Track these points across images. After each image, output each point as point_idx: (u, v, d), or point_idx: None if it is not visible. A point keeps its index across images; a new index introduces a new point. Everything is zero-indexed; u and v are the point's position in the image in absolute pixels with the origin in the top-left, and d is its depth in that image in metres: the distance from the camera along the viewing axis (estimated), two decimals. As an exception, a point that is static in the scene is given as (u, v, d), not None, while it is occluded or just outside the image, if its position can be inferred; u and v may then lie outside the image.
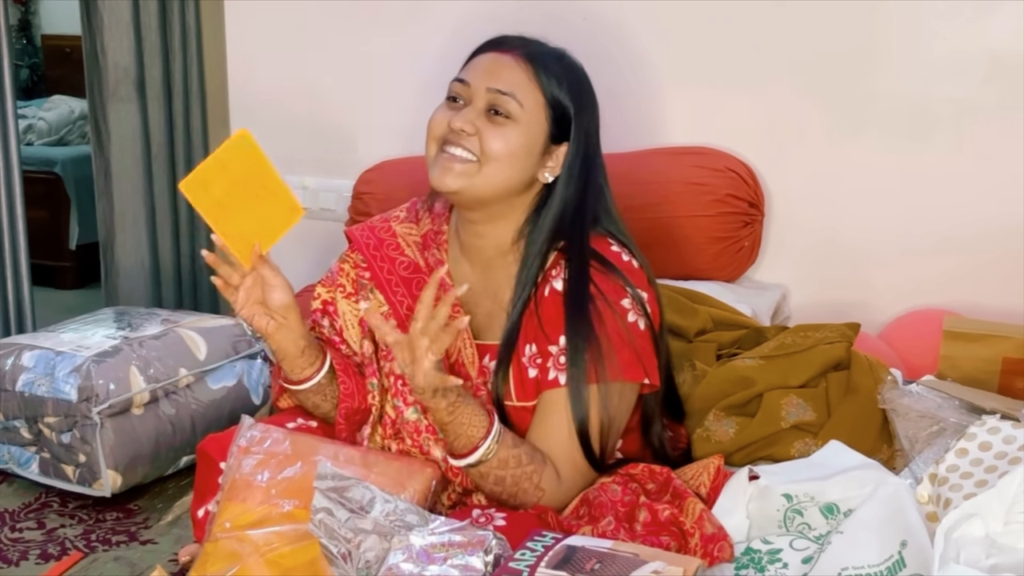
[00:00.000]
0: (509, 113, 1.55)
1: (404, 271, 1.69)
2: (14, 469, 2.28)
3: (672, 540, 1.48)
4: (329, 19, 2.83)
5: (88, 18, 3.00)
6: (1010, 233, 2.33)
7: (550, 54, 1.61)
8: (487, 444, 1.48)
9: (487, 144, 1.55)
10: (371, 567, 1.36)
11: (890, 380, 1.87)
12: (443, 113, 1.59)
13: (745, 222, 2.45)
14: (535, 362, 1.59)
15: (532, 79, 1.56)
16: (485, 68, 1.58)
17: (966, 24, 2.34)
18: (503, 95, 1.55)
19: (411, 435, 1.63)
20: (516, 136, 1.55)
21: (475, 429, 1.48)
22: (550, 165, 1.60)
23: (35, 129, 4.77)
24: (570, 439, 1.55)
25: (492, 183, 1.56)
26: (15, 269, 3.06)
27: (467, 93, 1.58)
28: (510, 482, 1.51)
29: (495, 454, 1.49)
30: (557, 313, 1.57)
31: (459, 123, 1.55)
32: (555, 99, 1.58)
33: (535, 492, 1.52)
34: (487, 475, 1.51)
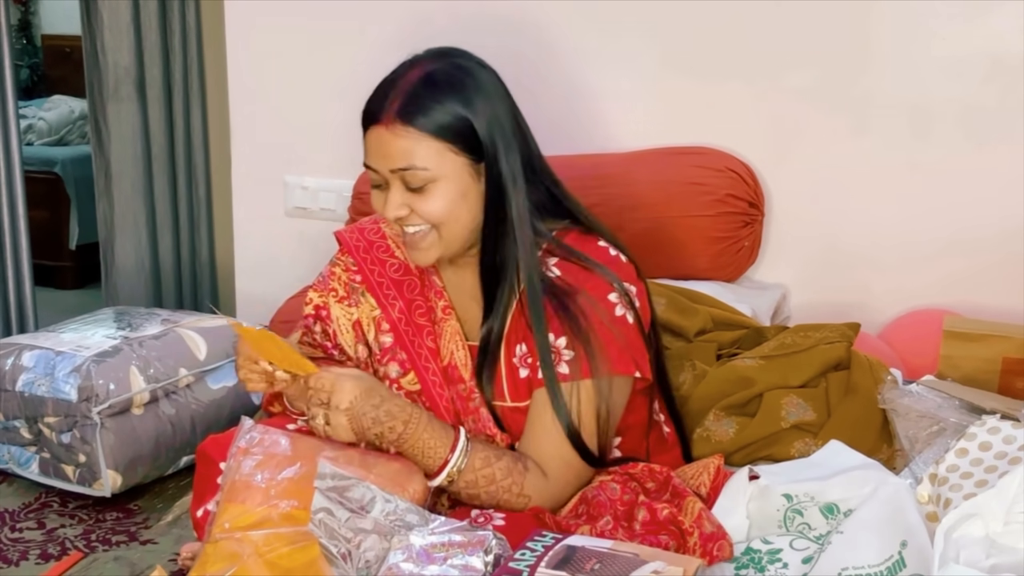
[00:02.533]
0: (423, 180, 1.52)
1: (394, 273, 1.68)
2: (14, 469, 2.29)
3: (671, 539, 1.48)
4: (329, 19, 2.83)
5: (88, 18, 3.00)
6: (1011, 233, 2.33)
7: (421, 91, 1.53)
8: (448, 468, 1.51)
9: (426, 215, 1.54)
10: (371, 567, 1.36)
11: (890, 380, 1.87)
12: (377, 200, 1.58)
13: (745, 222, 2.45)
14: (526, 362, 1.59)
15: (418, 136, 1.51)
16: (377, 150, 1.54)
17: (966, 24, 2.34)
18: (405, 171, 1.52)
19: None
20: (443, 194, 1.53)
21: (432, 457, 1.51)
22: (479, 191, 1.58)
23: (35, 129, 4.77)
24: (560, 437, 1.55)
25: (456, 238, 1.57)
26: (16, 269, 3.06)
27: (379, 177, 1.56)
28: (485, 498, 1.52)
29: (460, 476, 1.51)
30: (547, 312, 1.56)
31: (392, 213, 1.55)
32: (450, 130, 1.52)
33: (519, 500, 1.53)
34: (459, 492, 1.54)
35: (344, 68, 2.85)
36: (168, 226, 3.12)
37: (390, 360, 1.64)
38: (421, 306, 1.66)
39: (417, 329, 1.65)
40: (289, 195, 2.96)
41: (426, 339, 1.64)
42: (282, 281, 2.81)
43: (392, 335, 1.64)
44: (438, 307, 1.66)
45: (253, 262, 3.07)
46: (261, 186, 3.00)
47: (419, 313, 1.65)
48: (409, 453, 1.51)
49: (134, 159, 3.07)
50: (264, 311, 2.78)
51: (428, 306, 1.66)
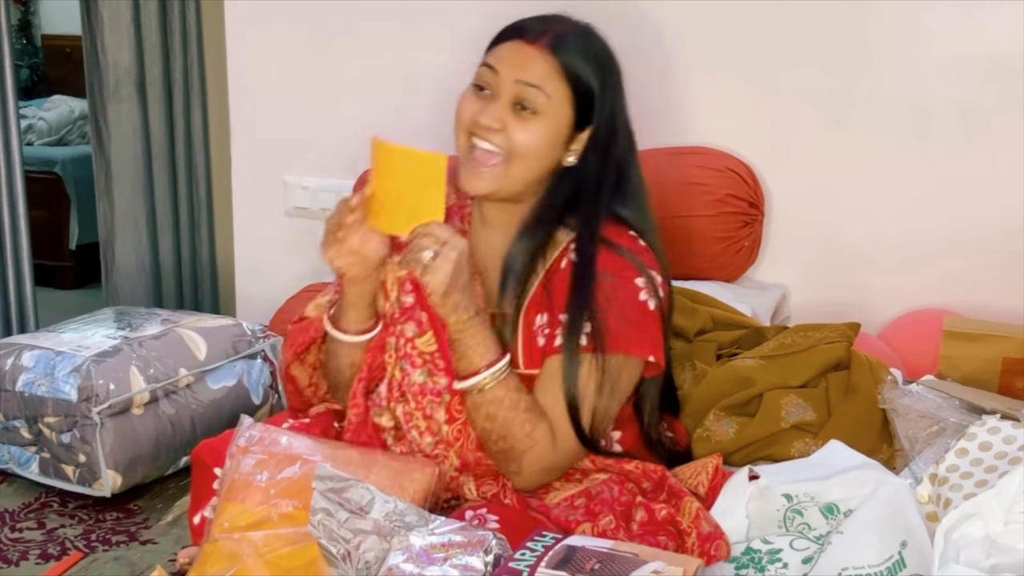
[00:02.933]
0: (536, 108, 1.56)
1: None
2: (14, 469, 2.28)
3: (669, 540, 1.48)
4: (329, 19, 2.83)
5: (88, 18, 3.00)
6: (1011, 233, 2.33)
7: (574, 36, 1.60)
8: (485, 375, 1.52)
9: (514, 139, 1.56)
10: (371, 567, 1.36)
11: (890, 380, 1.88)
12: (470, 103, 1.60)
13: (745, 222, 2.45)
14: (544, 332, 1.60)
15: (558, 70, 1.56)
16: (512, 59, 1.57)
17: (966, 24, 2.34)
18: (531, 87, 1.55)
19: (415, 397, 1.62)
20: (542, 130, 1.57)
21: (479, 356, 1.52)
22: (574, 148, 1.62)
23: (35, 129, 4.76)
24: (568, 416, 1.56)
25: (518, 179, 1.59)
26: (17, 269, 3.06)
27: (495, 82, 1.58)
28: (501, 422, 1.52)
29: (491, 389, 1.52)
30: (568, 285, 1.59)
31: (486, 120, 1.56)
32: (580, 87, 1.58)
33: (525, 440, 1.53)
34: (480, 406, 1.53)
35: (344, 68, 2.85)
36: (168, 226, 3.12)
37: (407, 320, 1.63)
38: None
39: None
40: (289, 195, 2.96)
41: None
42: (282, 281, 2.82)
43: (414, 295, 1.63)
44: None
45: (253, 262, 3.07)
46: (261, 186, 3.00)
47: None
48: (461, 343, 1.52)
49: (134, 159, 3.07)
50: (264, 311, 2.78)
51: None
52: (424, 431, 1.62)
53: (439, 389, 1.60)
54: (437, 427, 1.61)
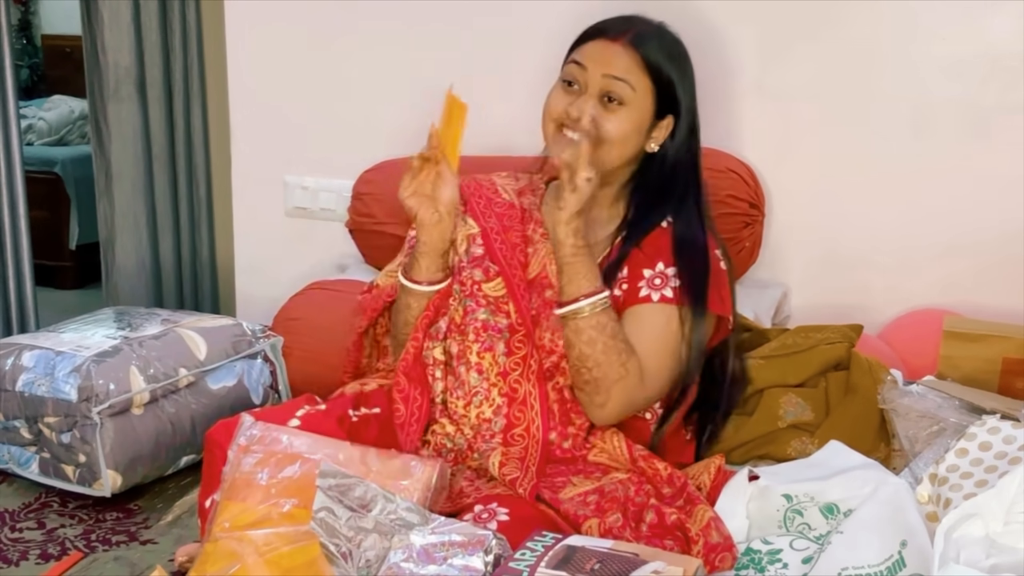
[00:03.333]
0: (622, 99, 1.71)
1: (499, 208, 1.84)
2: (14, 469, 2.28)
3: (676, 544, 1.48)
4: (329, 19, 2.83)
5: (88, 18, 3.00)
6: (1011, 233, 2.33)
7: (653, 33, 1.77)
8: (594, 299, 1.63)
9: (602, 129, 1.71)
10: (371, 566, 1.36)
11: (890, 380, 1.88)
12: (560, 97, 1.75)
13: (745, 223, 2.45)
14: (621, 284, 1.73)
15: (640, 64, 1.73)
16: (598, 55, 1.73)
17: (966, 24, 2.34)
18: (617, 80, 1.71)
19: (476, 332, 1.73)
20: (627, 120, 1.72)
21: (588, 282, 1.65)
22: (655, 136, 1.78)
23: (35, 129, 4.77)
24: (659, 347, 1.69)
25: (606, 162, 1.73)
26: (17, 269, 3.06)
27: (583, 78, 1.73)
28: (600, 348, 1.63)
29: (596, 314, 1.63)
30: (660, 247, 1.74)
31: (576, 111, 1.71)
32: (661, 79, 1.74)
33: (619, 369, 1.63)
34: (582, 331, 1.63)
35: (344, 68, 2.85)
36: (168, 226, 3.12)
37: (476, 267, 1.77)
38: (519, 232, 1.81)
39: (511, 246, 1.78)
40: (289, 195, 2.96)
41: (517, 254, 1.78)
42: (282, 281, 2.81)
43: (484, 247, 1.78)
44: (536, 233, 1.80)
45: (253, 262, 3.07)
46: (261, 186, 2.99)
47: (515, 235, 1.80)
48: (573, 267, 1.64)
49: (134, 159, 3.07)
50: (264, 311, 2.78)
51: (525, 235, 1.81)
52: (473, 367, 1.72)
53: (500, 327, 1.72)
54: (493, 360, 1.71)
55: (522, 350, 1.71)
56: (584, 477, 1.64)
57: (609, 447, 1.68)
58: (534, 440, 1.66)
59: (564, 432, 1.69)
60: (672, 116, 1.78)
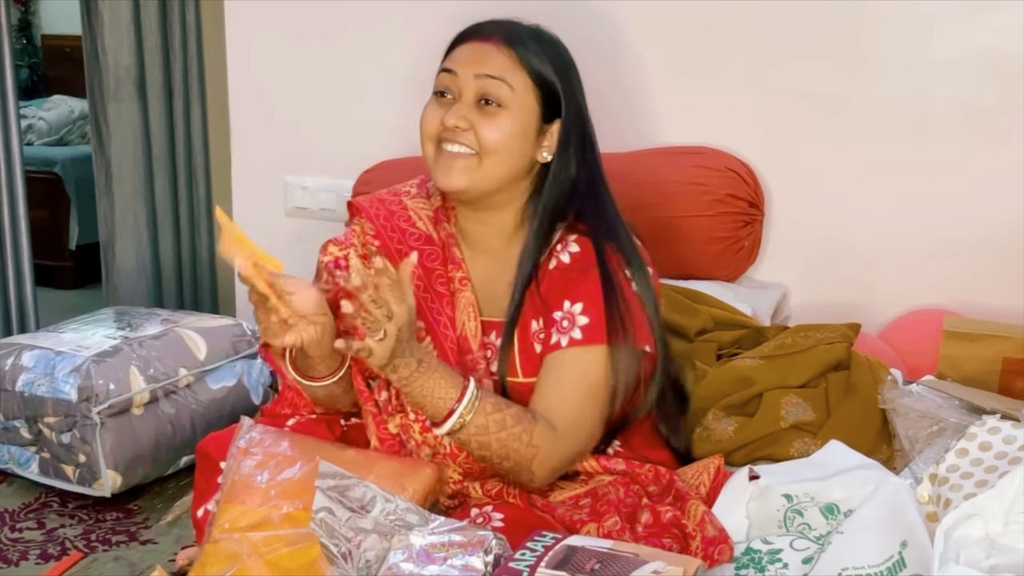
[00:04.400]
0: (500, 100, 1.56)
1: (415, 242, 1.67)
2: (14, 469, 2.29)
3: (674, 542, 1.48)
4: (329, 19, 2.83)
5: (88, 18, 3.00)
6: (1011, 233, 2.33)
7: (528, 33, 1.61)
8: (459, 410, 1.46)
9: (483, 136, 1.56)
10: (371, 567, 1.36)
11: (890, 380, 1.88)
12: (434, 110, 1.60)
13: (745, 222, 2.45)
14: (539, 337, 1.60)
15: (517, 62, 1.57)
16: (469, 57, 1.58)
17: (966, 24, 2.33)
18: (493, 79, 1.56)
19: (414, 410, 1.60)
20: (510, 123, 1.56)
21: (441, 400, 1.46)
22: (546, 144, 1.61)
23: (35, 129, 4.76)
24: (573, 397, 1.54)
25: (495, 174, 1.57)
26: (17, 269, 3.06)
27: (455, 84, 1.58)
28: (496, 446, 1.49)
29: (471, 421, 1.47)
30: (564, 283, 1.58)
31: (452, 120, 1.56)
32: (541, 78, 1.58)
33: (527, 451, 1.49)
34: (468, 442, 1.49)
35: (344, 68, 2.85)
36: (168, 226, 3.12)
37: None
38: (442, 276, 1.65)
39: (437, 297, 1.64)
40: (289, 195, 2.96)
41: (445, 307, 1.63)
42: (282, 281, 2.81)
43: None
44: (456, 278, 1.65)
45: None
46: (261, 186, 2.99)
47: (440, 282, 1.65)
48: (417, 395, 1.46)
49: (134, 159, 3.07)
50: (264, 311, 2.78)
51: (448, 276, 1.65)
52: (421, 443, 1.62)
53: None
54: (436, 441, 1.60)
55: None
56: (571, 481, 1.63)
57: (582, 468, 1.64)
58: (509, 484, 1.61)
59: None
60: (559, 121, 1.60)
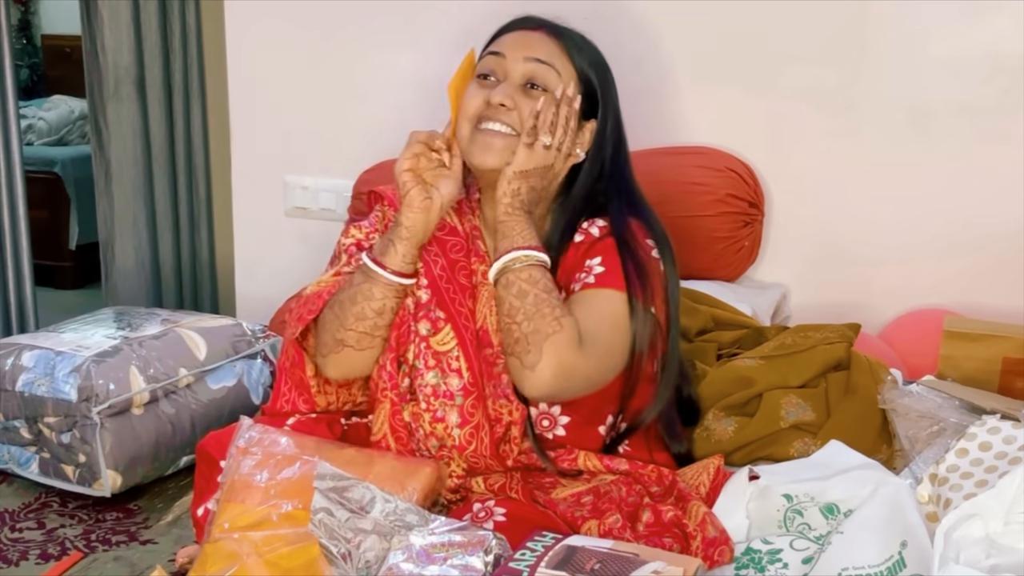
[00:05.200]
0: (547, 85, 1.59)
1: (440, 232, 1.67)
2: (14, 469, 2.28)
3: (675, 542, 1.48)
4: (329, 19, 2.83)
5: (88, 18, 3.00)
6: (1011, 233, 2.33)
7: (572, 30, 1.67)
8: (526, 252, 1.51)
9: (527, 118, 1.57)
10: (371, 567, 1.36)
11: (890, 380, 1.88)
12: (477, 91, 1.62)
13: (745, 222, 2.45)
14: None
15: (564, 53, 1.61)
16: (519, 41, 1.62)
17: (966, 24, 2.34)
18: (542, 63, 1.59)
19: (427, 399, 1.61)
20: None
21: (522, 238, 1.52)
22: (580, 141, 1.63)
23: (35, 129, 4.77)
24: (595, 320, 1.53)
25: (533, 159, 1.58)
26: (17, 269, 3.06)
27: (502, 67, 1.61)
28: (531, 300, 1.48)
29: (528, 267, 1.50)
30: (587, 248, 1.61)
31: (499, 97, 1.58)
32: (585, 74, 1.62)
33: (552, 324, 1.47)
34: (512, 284, 1.50)
35: (344, 68, 2.85)
36: (168, 226, 3.12)
37: (422, 317, 1.63)
38: (465, 268, 1.66)
39: (460, 288, 1.64)
40: (289, 195, 2.96)
41: (467, 299, 1.64)
42: (282, 281, 2.81)
43: (429, 291, 1.63)
44: (479, 271, 1.66)
45: (253, 262, 3.07)
46: (261, 186, 3.00)
47: (463, 274, 1.65)
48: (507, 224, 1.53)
49: (134, 159, 3.07)
50: (264, 311, 2.78)
51: (471, 269, 1.66)
52: (429, 434, 1.62)
53: (452, 391, 1.60)
54: (446, 432, 1.61)
55: (475, 417, 1.59)
56: (573, 479, 1.63)
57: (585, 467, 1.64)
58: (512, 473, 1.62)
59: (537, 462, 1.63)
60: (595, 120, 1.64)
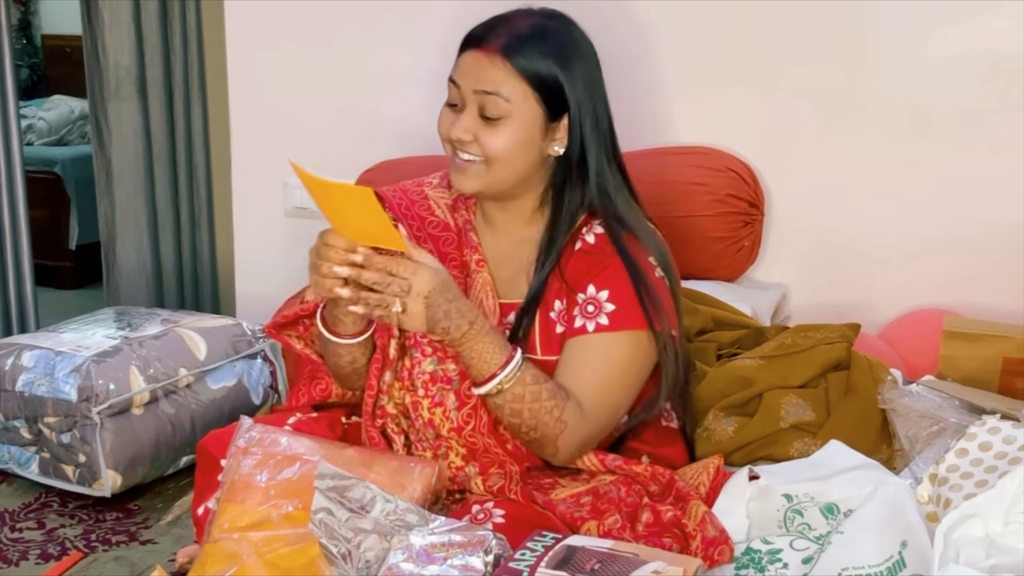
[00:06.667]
0: (499, 114, 1.60)
1: (433, 229, 1.74)
2: (14, 469, 2.29)
3: (674, 542, 1.48)
4: (329, 19, 2.83)
5: (88, 18, 3.00)
6: (1010, 233, 2.33)
7: (528, 34, 1.62)
8: (500, 377, 1.53)
9: (487, 147, 1.61)
10: (371, 567, 1.36)
11: (890, 380, 1.88)
12: (446, 117, 1.66)
13: (745, 222, 2.45)
14: (562, 317, 1.64)
15: (512, 73, 1.60)
16: (469, 69, 1.62)
17: (966, 24, 2.33)
18: (489, 95, 1.59)
19: (424, 385, 1.65)
20: (511, 132, 1.60)
21: (487, 363, 1.53)
22: (557, 138, 1.65)
23: (35, 129, 4.76)
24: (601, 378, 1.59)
25: (504, 177, 1.63)
26: (17, 269, 3.06)
27: (459, 96, 1.63)
28: (527, 415, 1.54)
29: (510, 388, 1.53)
30: (588, 265, 1.63)
31: (457, 133, 1.62)
32: (542, 81, 1.60)
33: (556, 425, 1.55)
34: (502, 407, 1.55)
35: (344, 68, 2.85)
36: (169, 226, 3.12)
37: None
38: (455, 260, 1.71)
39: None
40: (289, 195, 2.96)
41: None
42: (282, 281, 2.81)
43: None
44: (472, 260, 1.71)
45: (253, 262, 3.07)
46: (261, 186, 3.00)
47: (453, 265, 1.70)
48: (466, 355, 1.53)
49: (135, 159, 3.07)
50: (264, 311, 2.78)
51: (462, 261, 1.71)
52: (427, 422, 1.64)
53: (449, 376, 1.63)
54: (444, 416, 1.63)
55: (472, 398, 1.61)
56: (572, 479, 1.64)
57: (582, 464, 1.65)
58: (511, 472, 1.63)
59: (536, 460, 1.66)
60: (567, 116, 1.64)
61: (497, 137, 1.60)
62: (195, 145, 3.05)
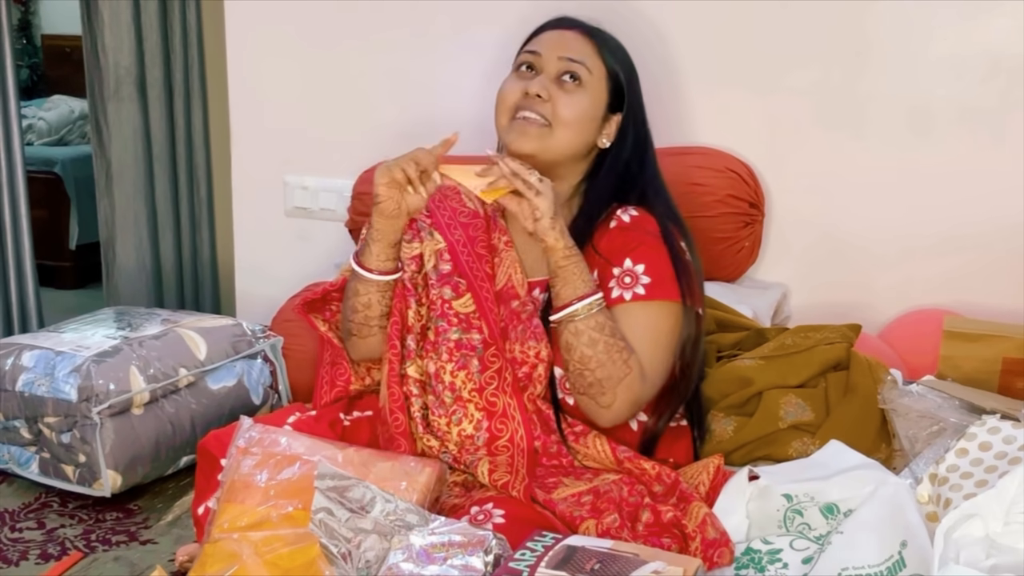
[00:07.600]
0: (580, 79, 1.73)
1: (464, 218, 1.82)
2: (14, 469, 2.29)
3: (673, 542, 1.48)
4: (329, 19, 2.83)
5: (88, 18, 3.00)
6: (1010, 233, 2.33)
7: (606, 34, 1.81)
8: (590, 300, 1.62)
9: (559, 109, 1.71)
10: (371, 567, 1.36)
11: (890, 380, 1.88)
12: (515, 83, 1.76)
13: (745, 222, 2.45)
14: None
15: (596, 51, 1.76)
16: (554, 41, 1.76)
17: (966, 24, 2.34)
18: (575, 62, 1.73)
19: (449, 351, 1.71)
20: (584, 101, 1.73)
21: (583, 284, 1.63)
22: (607, 132, 1.78)
23: (35, 129, 4.76)
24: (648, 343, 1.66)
25: (562, 146, 1.73)
26: (19, 269, 3.06)
27: (538, 63, 1.75)
28: (602, 347, 1.61)
29: (593, 315, 1.61)
30: (624, 240, 1.71)
31: (535, 88, 1.71)
32: (614, 71, 1.77)
33: (623, 367, 1.62)
34: (581, 333, 1.62)
35: (344, 68, 2.85)
36: (169, 226, 3.12)
37: (445, 284, 1.76)
38: (484, 242, 1.79)
39: (477, 258, 1.77)
40: (289, 195, 2.96)
41: (484, 266, 1.77)
42: (282, 281, 2.82)
43: (451, 263, 1.76)
44: (500, 241, 1.79)
45: (253, 262, 3.07)
46: (261, 186, 3.00)
47: (481, 245, 1.79)
48: (567, 269, 1.63)
49: (135, 159, 3.07)
50: (264, 311, 2.78)
51: (490, 244, 1.79)
52: (447, 386, 1.69)
53: (474, 344, 1.71)
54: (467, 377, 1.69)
55: (496, 363, 1.69)
56: (575, 478, 1.64)
57: (593, 452, 1.68)
58: (519, 449, 1.65)
59: (547, 441, 1.68)
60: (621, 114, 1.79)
61: (571, 101, 1.72)
62: (195, 145, 3.05)
